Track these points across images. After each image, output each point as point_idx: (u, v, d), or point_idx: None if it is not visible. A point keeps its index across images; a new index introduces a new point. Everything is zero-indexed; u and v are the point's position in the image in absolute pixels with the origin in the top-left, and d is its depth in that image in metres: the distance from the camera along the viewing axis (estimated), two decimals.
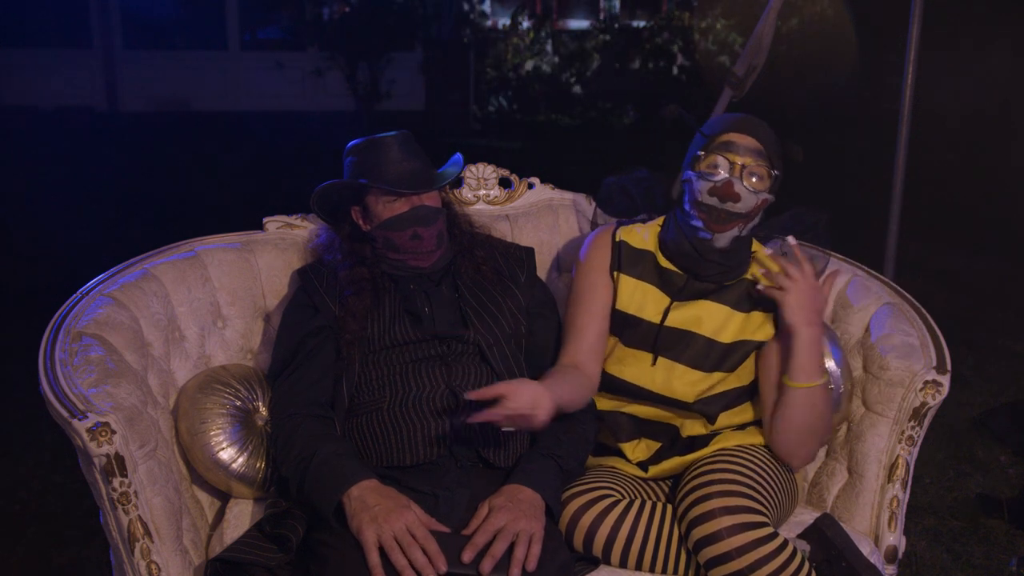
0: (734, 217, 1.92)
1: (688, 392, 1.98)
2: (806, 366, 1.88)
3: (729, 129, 1.94)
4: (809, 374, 1.88)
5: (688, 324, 1.99)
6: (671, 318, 2.00)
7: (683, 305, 2.00)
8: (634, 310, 2.02)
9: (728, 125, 1.95)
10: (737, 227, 1.94)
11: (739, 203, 1.91)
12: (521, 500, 1.73)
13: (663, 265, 2.03)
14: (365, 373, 1.95)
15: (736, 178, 1.90)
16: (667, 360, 1.99)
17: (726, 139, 1.93)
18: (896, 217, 3.49)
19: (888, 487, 2.05)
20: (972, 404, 4.02)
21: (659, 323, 2.00)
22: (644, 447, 2.05)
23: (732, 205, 1.91)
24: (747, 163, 1.91)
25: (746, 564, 1.71)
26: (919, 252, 6.09)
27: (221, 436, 1.93)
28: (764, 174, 1.92)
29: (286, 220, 2.31)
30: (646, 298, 2.02)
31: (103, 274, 2.04)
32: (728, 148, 1.92)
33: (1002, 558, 2.91)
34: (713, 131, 1.96)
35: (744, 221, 1.94)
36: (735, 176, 1.91)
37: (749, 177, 1.91)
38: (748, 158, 1.91)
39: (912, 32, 3.35)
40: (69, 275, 2.65)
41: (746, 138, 1.92)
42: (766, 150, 1.93)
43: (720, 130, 1.95)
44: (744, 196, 1.91)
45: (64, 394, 1.68)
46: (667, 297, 2.01)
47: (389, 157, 2.00)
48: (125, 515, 1.69)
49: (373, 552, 1.61)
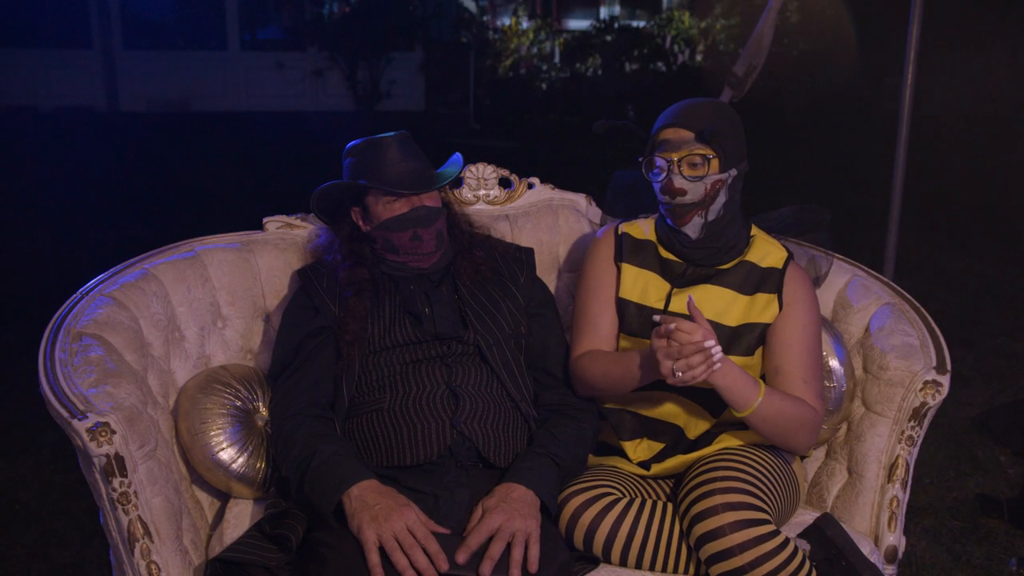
0: (688, 208, 1.96)
1: None
2: (736, 399, 1.85)
3: (664, 127, 1.98)
4: (743, 402, 1.85)
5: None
6: (674, 303, 2.01)
7: (685, 290, 2.01)
8: (636, 297, 2.03)
9: (663, 123, 1.99)
10: (697, 216, 1.97)
11: (687, 195, 1.95)
12: (513, 499, 1.73)
13: (664, 255, 2.05)
14: (365, 374, 1.95)
15: (675, 174, 1.94)
16: None
17: (662, 138, 1.97)
18: (896, 217, 3.49)
19: (888, 487, 2.05)
20: (972, 404, 4.02)
21: (663, 309, 2.00)
22: (646, 447, 2.05)
23: (681, 199, 1.95)
24: (682, 155, 1.94)
25: (747, 561, 1.71)
26: (919, 252, 6.10)
27: (221, 436, 1.94)
28: (699, 160, 1.94)
29: (286, 220, 2.31)
30: (648, 285, 2.04)
31: (103, 274, 2.04)
32: (663, 147, 1.96)
33: (1002, 558, 2.91)
34: (653, 133, 2.01)
35: (702, 208, 1.97)
36: (674, 172, 1.95)
37: (688, 167, 1.94)
38: (682, 150, 1.94)
39: (912, 32, 3.35)
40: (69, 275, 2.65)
41: (678, 131, 1.95)
42: (700, 134, 1.94)
43: (657, 131, 2.00)
44: (689, 188, 1.94)
45: (64, 394, 1.68)
46: (668, 284, 2.03)
47: (388, 158, 2.00)
48: (125, 515, 1.69)
49: (373, 552, 1.61)
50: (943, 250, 6.51)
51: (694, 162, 1.94)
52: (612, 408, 2.06)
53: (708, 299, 2.00)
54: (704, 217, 1.97)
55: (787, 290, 2.01)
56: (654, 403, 2.03)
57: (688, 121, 1.95)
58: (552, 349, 2.08)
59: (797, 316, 1.98)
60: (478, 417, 1.88)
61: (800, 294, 2.00)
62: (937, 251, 6.45)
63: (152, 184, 8.46)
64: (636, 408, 2.04)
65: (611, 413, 2.06)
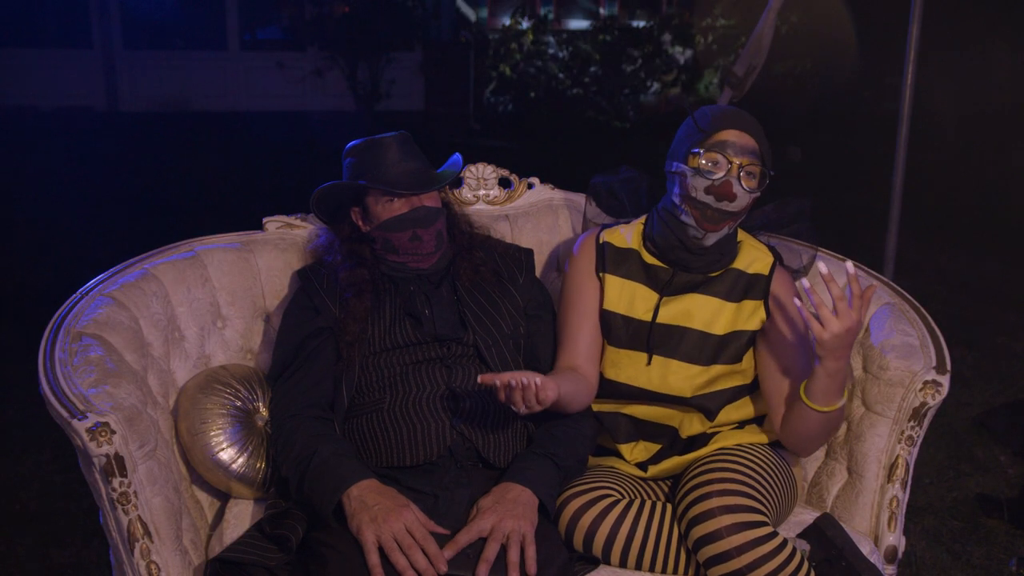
0: (727, 216, 1.92)
1: (685, 387, 1.97)
2: (828, 392, 1.86)
3: (726, 126, 1.92)
4: (829, 399, 1.87)
5: (679, 319, 1.99)
6: (661, 314, 2.00)
7: (672, 300, 2.00)
8: (623, 309, 2.02)
9: (725, 122, 1.93)
10: (728, 225, 1.94)
11: (734, 203, 1.90)
12: (509, 499, 1.73)
13: (648, 262, 2.03)
14: (365, 374, 1.95)
15: (734, 178, 1.89)
16: (662, 357, 1.99)
17: (723, 137, 1.91)
18: (896, 217, 3.49)
19: (888, 487, 2.05)
20: (972, 404, 4.02)
21: (651, 320, 1.99)
22: (642, 448, 2.05)
23: (727, 204, 1.90)
24: (744, 163, 1.90)
25: (745, 563, 1.71)
26: (919, 252, 6.10)
27: (221, 436, 1.94)
28: (758, 173, 1.92)
29: (286, 220, 2.31)
30: (635, 296, 2.02)
31: (103, 274, 2.04)
32: (726, 147, 1.90)
33: (1002, 558, 2.91)
34: (710, 127, 1.93)
35: (734, 219, 1.95)
36: (733, 176, 1.89)
37: (747, 178, 1.90)
38: (745, 158, 1.90)
39: (912, 32, 3.35)
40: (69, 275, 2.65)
41: (743, 136, 1.91)
42: (760, 149, 1.92)
43: (717, 127, 1.92)
44: (740, 196, 1.90)
45: (64, 394, 1.68)
46: (655, 293, 2.01)
47: (388, 158, 2.00)
48: (125, 515, 1.69)
49: (373, 552, 1.62)
50: (943, 250, 6.51)
51: (755, 173, 1.91)
52: (606, 411, 2.06)
53: (696, 308, 1.99)
54: (732, 229, 1.96)
55: (775, 295, 2.00)
56: (647, 408, 2.03)
57: (751, 129, 1.92)
58: (550, 350, 2.08)
59: (793, 316, 1.98)
60: (477, 418, 1.89)
61: (786, 298, 2.00)
62: (937, 251, 6.45)
63: (152, 184, 8.45)
64: (630, 411, 2.04)
65: (605, 416, 2.06)
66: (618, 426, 2.05)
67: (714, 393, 1.99)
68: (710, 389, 1.99)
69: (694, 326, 1.98)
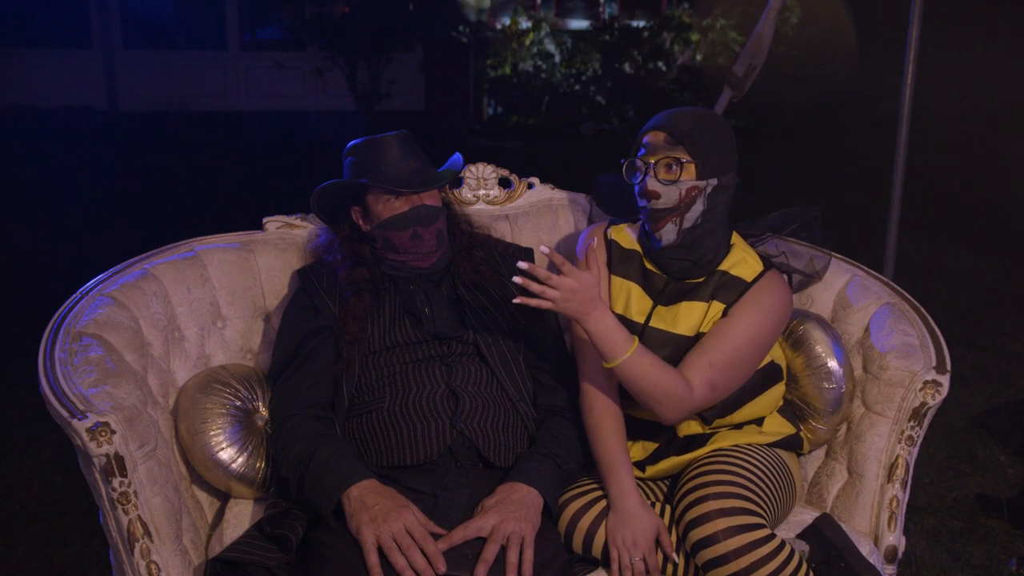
0: (663, 213, 1.93)
1: None
2: (612, 346, 1.81)
3: (646, 131, 1.97)
4: (615, 351, 1.82)
5: (668, 325, 1.98)
6: (653, 319, 1.99)
7: (669, 309, 1.99)
8: (619, 309, 2.02)
9: (646, 128, 1.97)
10: (671, 222, 1.93)
11: (660, 199, 1.92)
12: (513, 500, 1.73)
13: (647, 267, 2.04)
14: (365, 374, 1.95)
15: (650, 176, 1.92)
16: None
17: (643, 142, 1.96)
18: (896, 217, 3.49)
19: (888, 487, 2.05)
20: (972, 404, 4.01)
21: (643, 323, 1.99)
22: (640, 448, 2.05)
23: (656, 203, 1.93)
24: (657, 159, 1.92)
25: (744, 566, 1.71)
26: (919, 252, 6.09)
27: (221, 436, 1.94)
28: (673, 163, 1.91)
29: (286, 220, 2.31)
30: (631, 297, 2.02)
31: (103, 274, 2.04)
32: (643, 150, 1.95)
33: (1002, 558, 2.91)
34: (637, 138, 1.99)
35: (676, 214, 1.93)
36: (650, 175, 1.93)
37: (663, 170, 1.92)
38: (659, 154, 1.92)
39: (912, 32, 3.36)
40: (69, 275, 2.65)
41: (657, 135, 1.93)
42: (678, 137, 1.91)
43: (640, 136, 1.98)
44: (663, 191, 1.92)
45: (64, 394, 1.68)
46: (649, 299, 2.01)
47: (389, 157, 2.01)
48: (125, 515, 1.69)
49: (372, 552, 1.62)
50: (943, 250, 6.51)
51: (669, 164, 1.91)
52: None
53: (684, 315, 1.97)
54: (679, 224, 1.93)
55: (747, 294, 1.96)
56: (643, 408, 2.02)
57: (669, 125, 1.92)
58: (550, 349, 2.08)
59: (744, 313, 1.93)
60: (478, 417, 1.89)
61: (760, 298, 1.95)
62: (937, 251, 6.45)
63: (152, 184, 8.45)
64: (627, 411, 2.04)
65: None
66: None
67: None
68: None
69: (680, 331, 1.97)
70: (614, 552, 1.80)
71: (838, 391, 2.11)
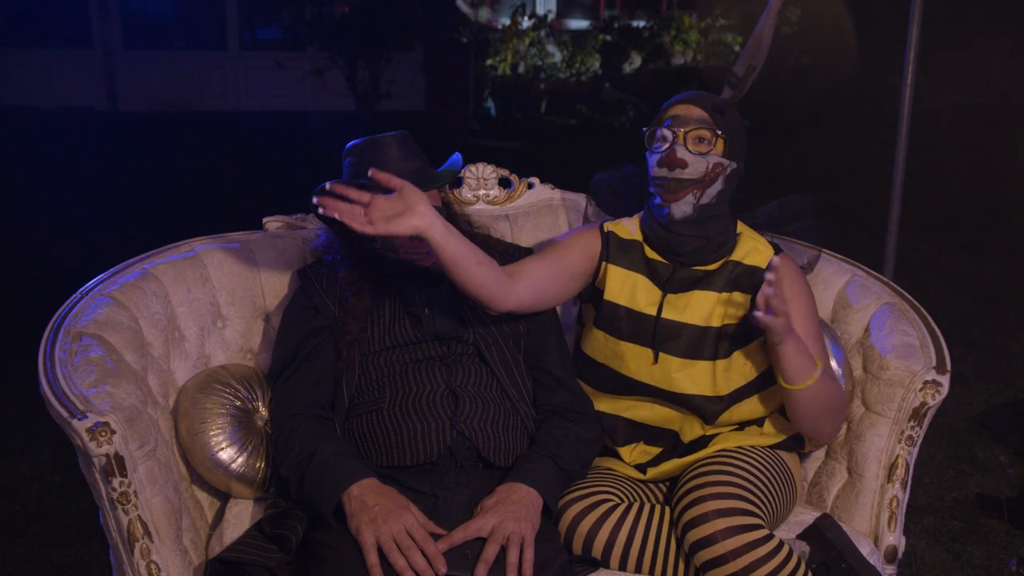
0: (685, 184, 1.94)
1: (687, 384, 1.97)
2: (800, 368, 1.87)
3: (674, 104, 2.00)
4: (804, 374, 1.88)
5: (679, 315, 1.99)
6: (666, 310, 1.99)
7: (675, 298, 2.00)
8: (625, 301, 2.02)
9: (673, 101, 2.01)
10: (691, 194, 1.95)
11: (687, 169, 1.93)
12: (513, 500, 1.73)
13: (650, 256, 2.04)
14: (365, 374, 1.95)
15: (679, 144, 1.94)
16: (666, 355, 1.99)
17: (671, 113, 1.98)
18: (896, 217, 3.49)
19: (888, 487, 2.05)
20: (972, 404, 4.02)
21: (655, 315, 1.99)
22: (641, 451, 2.05)
23: (680, 172, 1.94)
24: (689, 130, 1.94)
25: (742, 567, 1.71)
26: (919, 252, 6.09)
27: (221, 436, 1.93)
28: (708, 136, 1.94)
29: (286, 220, 2.31)
30: (636, 289, 2.02)
31: (103, 274, 2.04)
32: (672, 120, 1.97)
33: (1002, 558, 2.91)
34: (662, 109, 2.02)
35: (699, 187, 1.95)
36: (678, 143, 1.94)
37: (694, 142, 1.94)
38: (690, 125, 1.95)
39: (912, 32, 3.36)
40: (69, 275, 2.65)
41: (689, 108, 1.97)
42: (711, 116, 1.96)
43: (666, 107, 2.01)
44: (691, 161, 1.93)
45: (64, 394, 1.68)
46: (657, 289, 2.01)
47: (388, 157, 2.00)
48: (125, 515, 1.69)
49: (372, 552, 1.61)
50: (943, 250, 6.51)
51: (702, 136, 1.94)
52: (606, 413, 2.05)
53: (695, 304, 1.98)
54: (698, 197, 1.95)
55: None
56: (647, 410, 2.02)
57: (701, 100, 1.97)
58: (551, 349, 2.07)
59: (795, 309, 1.97)
60: (478, 417, 1.88)
61: (793, 289, 1.99)
62: (937, 251, 6.45)
63: (152, 184, 8.45)
64: (630, 414, 2.04)
65: (605, 418, 2.05)
66: (617, 428, 2.05)
67: (720, 397, 1.97)
68: (714, 391, 1.97)
69: (691, 321, 1.98)
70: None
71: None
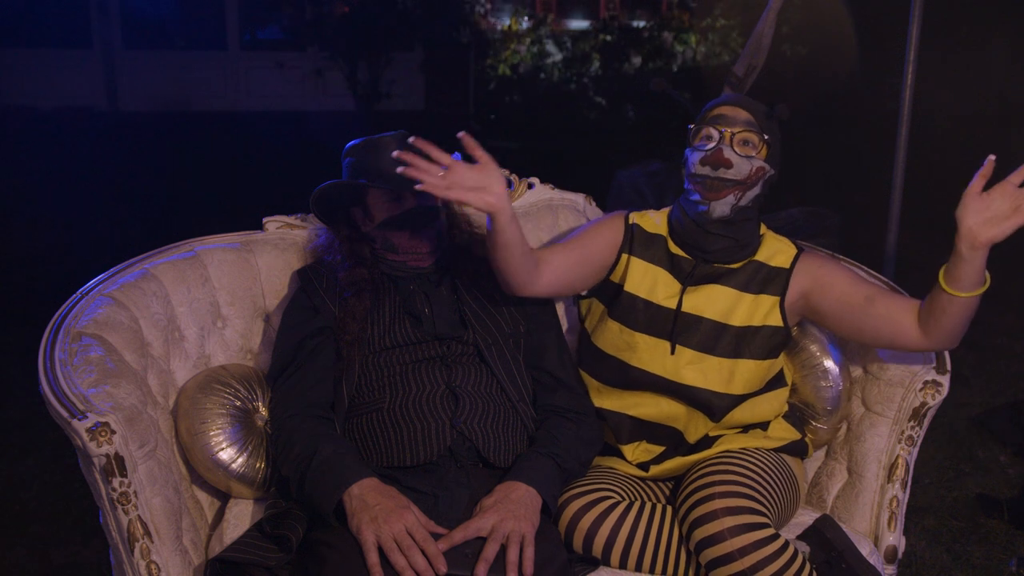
0: (727, 184, 1.95)
1: (698, 378, 1.97)
2: (975, 277, 1.94)
3: (720, 104, 2.02)
4: (975, 284, 1.93)
5: (696, 308, 1.99)
6: (685, 303, 2.00)
7: (697, 289, 2.00)
8: (644, 293, 2.02)
9: (720, 101, 2.03)
10: (732, 194, 1.96)
11: (731, 169, 1.94)
12: (512, 499, 1.73)
13: (673, 251, 2.04)
14: (365, 374, 1.95)
15: (726, 145, 1.95)
16: (682, 347, 1.99)
17: (717, 113, 2.00)
18: (896, 217, 3.49)
19: (888, 487, 2.05)
20: (972, 404, 4.02)
21: (675, 308, 1.99)
22: (644, 449, 2.05)
23: (724, 171, 1.94)
24: (736, 131, 1.96)
25: (748, 565, 1.71)
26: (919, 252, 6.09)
27: (221, 436, 1.93)
28: (755, 140, 1.96)
29: (286, 220, 2.31)
30: (656, 282, 2.02)
31: (103, 274, 2.03)
32: (719, 120, 1.98)
33: (1002, 558, 2.91)
34: (706, 109, 2.04)
35: (740, 188, 1.96)
36: (725, 143, 1.95)
37: (741, 144, 1.95)
38: (737, 127, 1.96)
39: (912, 32, 3.36)
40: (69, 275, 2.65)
41: (737, 110, 1.98)
42: (757, 120, 1.98)
43: (711, 107, 2.03)
44: (736, 162, 1.94)
45: (64, 394, 1.68)
46: (677, 282, 2.02)
47: (388, 157, 2.00)
48: (125, 515, 1.69)
49: (372, 552, 1.61)
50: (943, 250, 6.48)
51: (748, 139, 1.96)
52: (610, 411, 2.05)
53: (714, 298, 1.99)
54: (738, 199, 1.96)
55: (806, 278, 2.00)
56: (653, 407, 2.02)
57: (747, 105, 1.99)
58: (551, 349, 2.07)
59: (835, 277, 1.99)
60: (478, 417, 1.88)
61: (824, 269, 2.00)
62: (937, 251, 6.43)
63: (152, 184, 8.45)
64: (634, 412, 2.03)
65: (609, 416, 2.05)
66: (621, 426, 2.04)
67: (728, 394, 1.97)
68: (723, 388, 1.97)
69: (709, 315, 1.98)
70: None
71: (836, 389, 2.12)
